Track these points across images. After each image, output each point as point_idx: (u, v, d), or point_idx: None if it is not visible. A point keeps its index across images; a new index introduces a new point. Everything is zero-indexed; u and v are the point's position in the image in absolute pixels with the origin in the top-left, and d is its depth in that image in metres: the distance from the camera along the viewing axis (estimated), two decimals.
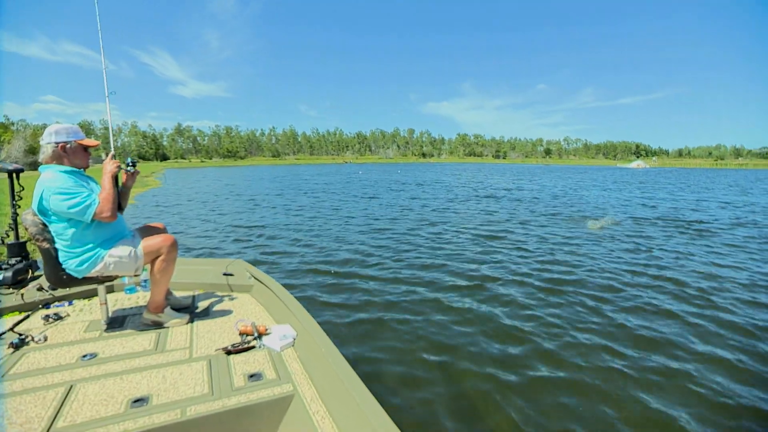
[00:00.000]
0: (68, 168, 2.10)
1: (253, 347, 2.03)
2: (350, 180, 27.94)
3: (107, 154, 2.23)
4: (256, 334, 2.10)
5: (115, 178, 2.16)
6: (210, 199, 15.25)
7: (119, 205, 2.20)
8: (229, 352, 1.97)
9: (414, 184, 23.99)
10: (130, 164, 2.32)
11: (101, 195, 2.06)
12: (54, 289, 2.61)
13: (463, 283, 4.78)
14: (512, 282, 4.81)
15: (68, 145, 2.10)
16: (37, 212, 2.02)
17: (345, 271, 5.23)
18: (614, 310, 3.94)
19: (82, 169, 2.19)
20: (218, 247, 6.87)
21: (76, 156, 2.14)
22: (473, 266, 5.49)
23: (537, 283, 4.75)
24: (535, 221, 9.59)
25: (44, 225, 2.06)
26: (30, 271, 2.82)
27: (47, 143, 2.07)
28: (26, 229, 2.06)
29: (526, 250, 6.49)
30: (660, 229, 8.56)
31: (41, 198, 1.97)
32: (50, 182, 1.98)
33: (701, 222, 9.62)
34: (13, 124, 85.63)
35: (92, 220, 2.03)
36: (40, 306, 2.53)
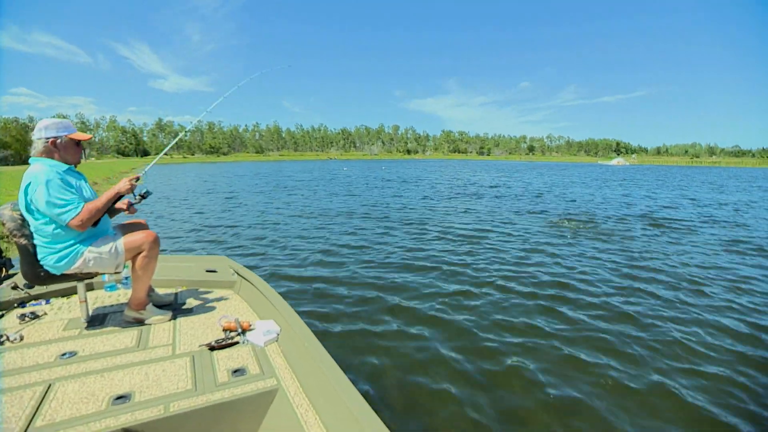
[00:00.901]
0: (58, 163, 2.06)
1: (237, 343, 2.03)
2: (335, 177, 27.83)
3: (134, 178, 2.20)
4: (239, 330, 2.11)
5: (119, 196, 2.15)
6: (192, 196, 15.00)
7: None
8: (212, 348, 1.97)
9: (399, 181, 24.05)
10: (143, 193, 2.33)
11: (90, 204, 2.03)
12: (30, 288, 2.55)
13: (447, 281, 4.86)
14: (498, 282, 4.90)
15: (59, 140, 2.06)
16: (23, 203, 1.97)
17: (328, 268, 5.24)
18: (595, 314, 4.04)
19: (72, 165, 2.16)
20: (201, 244, 6.79)
21: (68, 151, 2.11)
22: (455, 266, 5.57)
23: (519, 287, 4.80)
24: (518, 221, 9.74)
25: (23, 220, 2.01)
26: (4, 269, 2.74)
27: (38, 138, 2.03)
28: (3, 224, 2.02)
29: (507, 252, 6.61)
30: (642, 229, 8.65)
31: (26, 191, 1.94)
32: (37, 176, 1.94)
33: (681, 221, 9.72)
34: None
35: (66, 225, 2.00)
36: (15, 305, 2.47)
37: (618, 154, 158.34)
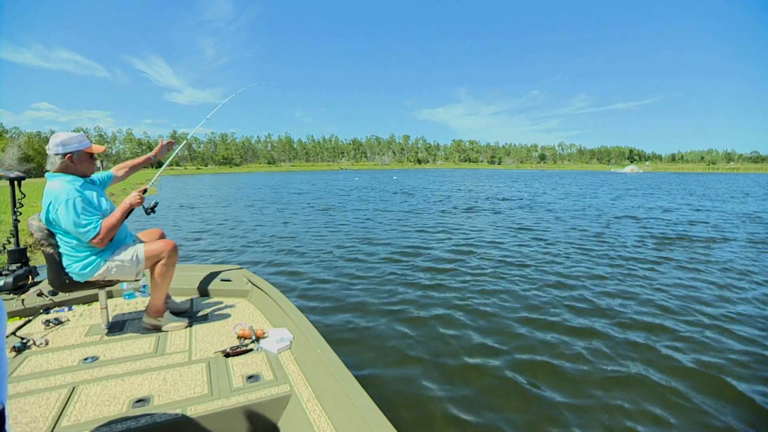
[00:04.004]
0: (75, 178, 2.14)
1: (251, 350, 2.08)
2: (352, 188, 27.99)
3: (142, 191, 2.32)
4: (253, 338, 2.16)
5: (131, 209, 2.25)
6: (205, 206, 15.25)
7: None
8: (227, 355, 2.02)
9: (412, 193, 24.10)
10: (153, 205, 2.49)
11: (106, 221, 2.11)
12: (54, 295, 2.65)
13: (459, 292, 4.85)
14: (520, 287, 4.87)
15: (74, 155, 2.13)
16: (45, 219, 2.06)
17: (340, 278, 5.28)
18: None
19: (88, 178, 2.23)
20: (216, 254, 6.90)
21: (82, 164, 2.17)
22: (470, 277, 5.55)
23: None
24: (538, 236, 9.66)
25: (49, 230, 2.11)
26: (30, 276, 2.86)
27: (54, 153, 2.09)
28: (31, 234, 2.12)
29: (529, 267, 6.56)
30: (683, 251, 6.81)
31: (48, 209, 2.01)
32: (58, 195, 2.01)
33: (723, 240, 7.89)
34: (6, 131, 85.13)
35: (87, 242, 2.08)
36: (41, 311, 2.57)
37: (631, 162, 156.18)
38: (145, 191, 2.32)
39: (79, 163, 2.15)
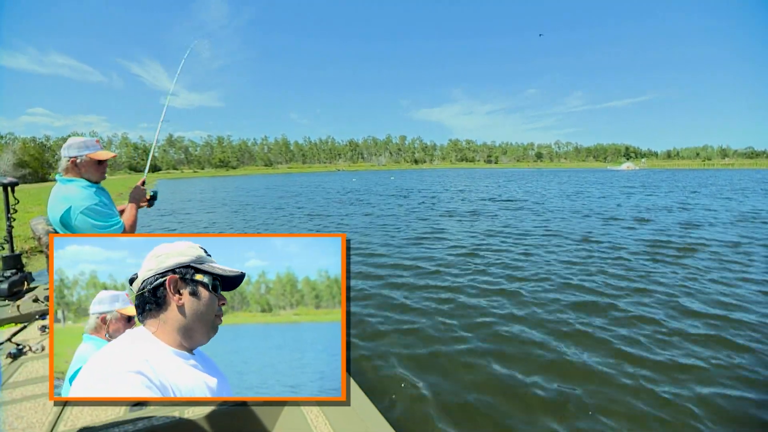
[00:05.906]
0: (88, 184, 2.11)
1: None
2: (348, 191, 27.95)
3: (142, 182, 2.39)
4: None
5: (139, 202, 2.32)
6: (202, 210, 15.23)
7: None
8: None
9: (407, 195, 24.11)
10: (153, 195, 2.48)
11: (127, 221, 2.17)
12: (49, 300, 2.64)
13: (456, 291, 4.86)
14: (520, 289, 4.89)
15: (78, 160, 2.09)
16: (59, 224, 2.03)
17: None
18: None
19: (97, 183, 2.20)
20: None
21: (88, 170, 2.13)
22: (462, 279, 5.57)
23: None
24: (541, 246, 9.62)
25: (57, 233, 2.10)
26: (25, 283, 2.85)
27: (63, 156, 2.09)
28: (38, 238, 2.09)
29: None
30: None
31: (68, 214, 1.99)
32: (78, 200, 2.00)
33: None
34: (1, 137, 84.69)
35: None
36: (37, 317, 2.56)
37: (627, 159, 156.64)
38: (144, 183, 2.40)
39: (83, 168, 2.11)
